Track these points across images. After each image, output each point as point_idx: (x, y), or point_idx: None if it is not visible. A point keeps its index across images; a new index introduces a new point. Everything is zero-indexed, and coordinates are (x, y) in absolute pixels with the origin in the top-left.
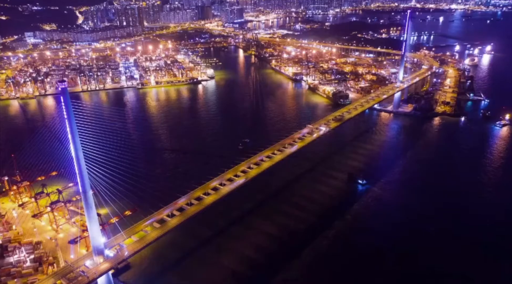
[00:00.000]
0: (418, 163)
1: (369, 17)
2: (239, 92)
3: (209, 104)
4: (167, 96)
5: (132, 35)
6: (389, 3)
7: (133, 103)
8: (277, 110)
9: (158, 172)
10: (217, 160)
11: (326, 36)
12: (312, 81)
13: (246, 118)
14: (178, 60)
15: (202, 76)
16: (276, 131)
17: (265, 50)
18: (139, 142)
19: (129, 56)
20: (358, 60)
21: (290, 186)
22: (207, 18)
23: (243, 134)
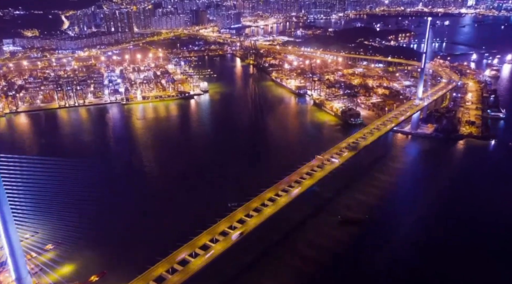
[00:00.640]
0: (443, 200)
1: (374, 22)
2: (235, 109)
3: (201, 123)
4: (154, 113)
5: (121, 42)
6: (394, 7)
7: (114, 121)
8: (279, 131)
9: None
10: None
11: (330, 43)
12: (318, 96)
13: (244, 143)
14: (169, 70)
15: (194, 90)
16: (279, 162)
17: (264, 59)
18: (118, 169)
19: (115, 66)
20: (366, 70)
21: (295, 230)
22: (202, 23)
23: (238, 167)
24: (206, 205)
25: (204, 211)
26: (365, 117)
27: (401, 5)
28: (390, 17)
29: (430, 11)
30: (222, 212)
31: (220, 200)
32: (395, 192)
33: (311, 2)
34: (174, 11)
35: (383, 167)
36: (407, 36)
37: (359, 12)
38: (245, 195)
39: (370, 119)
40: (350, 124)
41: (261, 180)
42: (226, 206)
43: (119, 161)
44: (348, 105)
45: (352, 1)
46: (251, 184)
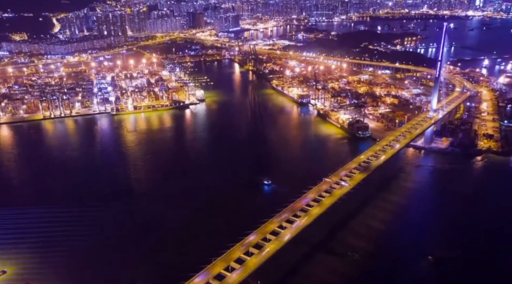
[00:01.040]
0: (464, 228)
1: (378, 25)
2: (233, 120)
3: (196, 136)
4: (146, 125)
5: (113, 46)
6: (398, 10)
7: (102, 134)
8: (281, 146)
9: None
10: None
11: (333, 48)
12: (322, 106)
13: (242, 161)
14: (163, 77)
15: (189, 99)
16: (282, 183)
17: (264, 65)
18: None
19: (106, 72)
20: (373, 77)
21: (302, 264)
22: (199, 27)
23: (235, 192)
24: (183, 255)
25: (185, 257)
26: (374, 129)
27: (405, 7)
28: (394, 20)
29: (436, 14)
30: (207, 257)
31: (209, 237)
32: (409, 218)
33: (312, 4)
34: (170, 14)
35: (394, 187)
36: (413, 40)
37: (362, 14)
38: (242, 227)
39: (379, 132)
40: (358, 138)
41: (262, 207)
42: (214, 249)
43: (101, 181)
44: (355, 116)
45: (355, 3)
46: (249, 213)
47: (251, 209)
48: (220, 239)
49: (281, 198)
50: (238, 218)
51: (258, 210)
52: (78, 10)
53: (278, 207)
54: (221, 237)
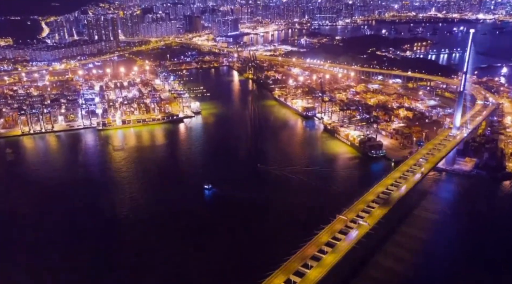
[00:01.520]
0: (497, 272)
1: (385, 28)
2: (232, 135)
3: (190, 155)
4: (135, 141)
5: (104, 52)
6: (405, 12)
7: (86, 152)
8: (285, 167)
9: None
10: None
11: (339, 54)
12: (329, 121)
13: (240, 188)
14: (156, 87)
15: (184, 111)
16: (287, 220)
17: (265, 73)
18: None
19: (94, 81)
20: (383, 87)
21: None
22: (196, 31)
23: (228, 232)
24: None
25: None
26: (387, 147)
27: (411, 10)
28: (401, 24)
29: (445, 17)
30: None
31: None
32: (432, 258)
33: (315, 7)
34: (166, 17)
35: (415, 217)
36: (423, 45)
37: (367, 17)
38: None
39: (394, 151)
40: (370, 158)
41: (263, 254)
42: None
43: (79, 214)
44: (367, 133)
45: (359, 5)
46: (248, 263)
47: (247, 260)
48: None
49: (286, 239)
50: (233, 266)
51: (258, 259)
52: (69, 13)
53: (283, 254)
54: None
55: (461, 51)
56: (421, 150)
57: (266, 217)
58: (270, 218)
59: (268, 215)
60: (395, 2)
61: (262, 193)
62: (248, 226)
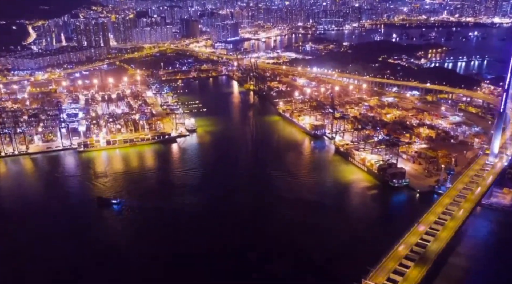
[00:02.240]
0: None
1: (395, 33)
2: (231, 158)
3: (182, 184)
4: (120, 165)
5: (93, 59)
6: (415, 16)
7: (62, 180)
8: (290, 201)
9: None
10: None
11: (348, 62)
12: (342, 141)
13: (238, 232)
14: (148, 100)
15: (177, 129)
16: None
17: (268, 84)
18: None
19: (80, 92)
20: (398, 100)
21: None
22: (193, 36)
23: None
24: None
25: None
26: (410, 174)
27: (422, 13)
28: (411, 28)
29: (458, 21)
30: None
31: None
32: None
33: (320, 10)
34: (161, 22)
35: (447, 266)
36: (438, 52)
37: (376, 22)
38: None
39: (418, 179)
40: (391, 188)
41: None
42: None
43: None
44: (386, 157)
45: (366, 9)
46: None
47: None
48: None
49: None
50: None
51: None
52: (58, 17)
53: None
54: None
55: (480, 59)
56: (456, 184)
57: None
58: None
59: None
60: (404, 5)
61: (261, 237)
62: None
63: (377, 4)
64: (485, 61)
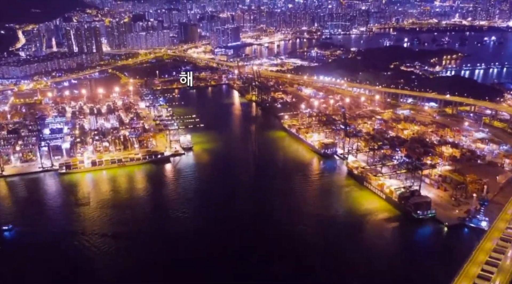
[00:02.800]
0: None
1: (405, 37)
2: (230, 180)
3: (175, 215)
4: (107, 190)
5: (85, 66)
6: (426, 19)
7: (38, 209)
8: (296, 234)
9: None
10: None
11: (357, 69)
12: (355, 162)
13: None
14: (141, 113)
15: (172, 147)
16: None
17: (272, 94)
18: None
19: (67, 104)
20: (414, 112)
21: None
22: (192, 41)
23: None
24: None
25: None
26: (435, 202)
27: (433, 17)
28: (422, 32)
29: (471, 24)
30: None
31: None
32: None
33: (326, 13)
34: (158, 26)
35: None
36: (453, 58)
37: (384, 25)
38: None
39: (444, 209)
40: (415, 220)
41: None
42: None
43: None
44: (407, 181)
45: (374, 12)
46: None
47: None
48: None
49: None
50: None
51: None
52: (50, 20)
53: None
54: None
55: (499, 66)
56: (497, 222)
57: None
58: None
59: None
60: (413, 8)
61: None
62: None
63: (385, 7)
64: (505, 69)
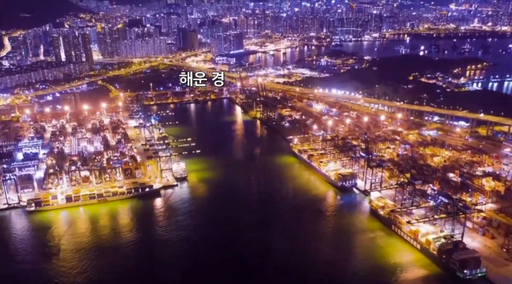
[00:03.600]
0: None
1: (422, 45)
2: (230, 216)
3: (165, 260)
4: (83, 233)
5: (72, 78)
6: (443, 24)
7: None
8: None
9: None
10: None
11: (373, 81)
12: (380, 200)
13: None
14: (130, 131)
15: (163, 177)
16: None
17: (279, 111)
18: None
19: (48, 122)
20: (442, 133)
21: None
22: (191, 48)
23: None
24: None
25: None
26: (482, 254)
27: (450, 22)
28: (440, 38)
29: (492, 30)
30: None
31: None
32: None
33: (336, 18)
34: (154, 32)
35: None
36: (478, 68)
37: (398, 31)
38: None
39: (494, 263)
40: (461, 281)
41: None
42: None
43: None
44: (446, 227)
45: (386, 16)
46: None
47: None
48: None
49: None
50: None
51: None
52: (40, 26)
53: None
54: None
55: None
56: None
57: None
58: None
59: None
60: (427, 12)
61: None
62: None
63: (398, 11)
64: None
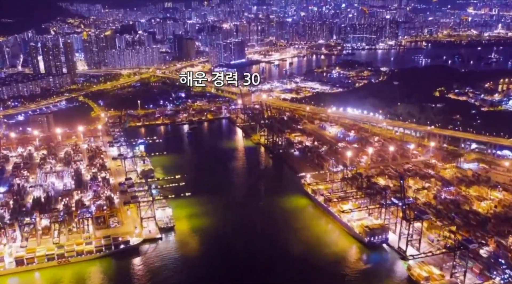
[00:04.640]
0: None
1: (444, 54)
2: (227, 281)
3: None
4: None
5: (51, 92)
6: (464, 31)
7: None
8: None
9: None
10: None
11: (394, 98)
12: (423, 266)
13: None
14: (109, 162)
15: (144, 227)
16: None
17: (287, 135)
18: None
19: (13, 150)
20: (483, 164)
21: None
22: (187, 58)
23: None
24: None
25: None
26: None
27: (471, 28)
28: (462, 46)
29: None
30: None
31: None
32: None
33: (347, 24)
34: (148, 39)
35: None
36: (511, 82)
37: (415, 38)
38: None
39: None
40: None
41: None
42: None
43: None
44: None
45: (401, 22)
46: None
47: None
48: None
49: None
50: None
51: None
52: (22, 32)
53: None
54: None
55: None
56: None
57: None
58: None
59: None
60: (445, 17)
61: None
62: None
63: (414, 16)
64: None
